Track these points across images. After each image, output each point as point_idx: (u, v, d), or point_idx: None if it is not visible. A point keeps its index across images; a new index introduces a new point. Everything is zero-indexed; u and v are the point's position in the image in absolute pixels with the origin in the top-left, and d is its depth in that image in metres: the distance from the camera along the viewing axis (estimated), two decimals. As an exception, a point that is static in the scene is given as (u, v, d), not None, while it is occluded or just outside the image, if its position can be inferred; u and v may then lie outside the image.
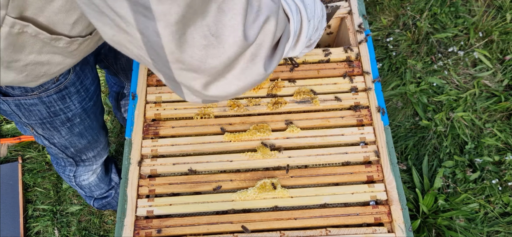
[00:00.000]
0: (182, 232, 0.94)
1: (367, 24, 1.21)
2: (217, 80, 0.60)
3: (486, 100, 2.11)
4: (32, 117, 1.05)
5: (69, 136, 1.20)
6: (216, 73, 0.58)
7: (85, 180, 1.54)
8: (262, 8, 0.60)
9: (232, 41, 0.55)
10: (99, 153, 1.44)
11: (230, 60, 0.57)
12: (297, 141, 1.04)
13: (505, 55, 2.21)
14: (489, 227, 1.80)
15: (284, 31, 0.68)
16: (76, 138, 1.23)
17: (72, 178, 1.51)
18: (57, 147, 1.25)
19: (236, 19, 0.54)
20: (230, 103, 1.08)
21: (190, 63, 0.55)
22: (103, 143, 1.42)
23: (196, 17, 0.51)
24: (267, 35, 0.61)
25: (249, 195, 0.96)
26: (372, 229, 0.94)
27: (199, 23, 0.51)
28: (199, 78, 0.58)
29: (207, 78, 0.59)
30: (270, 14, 0.61)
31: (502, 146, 2.00)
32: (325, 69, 1.14)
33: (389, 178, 0.99)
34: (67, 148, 1.27)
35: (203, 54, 0.54)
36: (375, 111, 1.07)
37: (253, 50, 0.60)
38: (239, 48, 0.57)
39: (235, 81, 0.61)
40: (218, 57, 0.56)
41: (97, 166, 1.52)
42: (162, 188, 0.99)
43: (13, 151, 2.05)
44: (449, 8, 2.33)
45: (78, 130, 1.20)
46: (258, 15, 0.59)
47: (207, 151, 1.04)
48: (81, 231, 1.87)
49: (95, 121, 1.25)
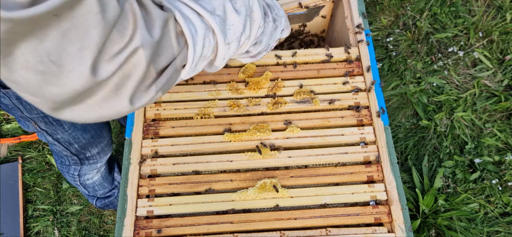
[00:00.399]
0: (182, 232, 0.94)
1: (367, 23, 1.21)
2: (72, 105, 0.55)
3: (486, 100, 2.11)
4: (34, 110, 1.05)
5: (72, 130, 1.19)
6: (63, 101, 0.53)
7: (90, 179, 1.54)
8: (134, 39, 0.54)
9: (77, 74, 0.50)
10: (103, 149, 1.44)
11: (77, 93, 0.52)
12: (297, 141, 1.04)
13: (505, 55, 2.21)
14: (489, 227, 1.80)
15: (174, 59, 0.63)
16: (80, 132, 1.22)
17: (77, 178, 1.50)
18: (61, 143, 1.24)
19: (85, 52, 0.49)
20: (230, 103, 1.08)
21: (26, 86, 0.50)
22: (107, 139, 1.42)
23: (28, 38, 0.45)
24: (135, 67, 0.56)
25: (249, 195, 0.97)
26: (372, 229, 0.94)
27: (33, 46, 0.46)
28: (42, 103, 0.53)
29: (53, 104, 0.54)
30: (141, 46, 0.55)
31: (502, 146, 2.00)
32: (325, 69, 1.14)
33: (389, 178, 0.99)
34: (71, 145, 1.27)
35: (40, 79, 0.49)
36: (375, 112, 1.07)
37: (117, 80, 0.55)
38: (87, 83, 0.51)
39: (96, 108, 0.57)
40: (60, 87, 0.51)
41: (101, 164, 1.52)
42: (162, 188, 0.99)
43: (13, 151, 2.05)
44: (449, 8, 2.33)
45: (80, 124, 1.19)
46: (125, 47, 0.54)
47: (207, 151, 1.04)
48: (81, 231, 1.87)
49: None
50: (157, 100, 1.09)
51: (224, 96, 1.10)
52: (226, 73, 1.13)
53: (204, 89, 1.11)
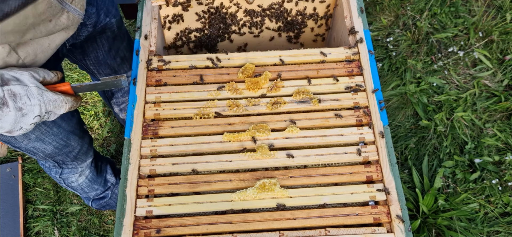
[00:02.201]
0: (181, 232, 0.94)
1: (365, 17, 1.20)
2: None
3: (486, 100, 2.11)
4: None
5: (27, 141, 1.16)
6: None
7: (74, 181, 1.52)
8: None
9: None
10: (77, 157, 1.40)
11: None
12: (297, 141, 1.04)
13: (505, 55, 2.21)
14: (489, 227, 1.80)
15: None
16: (37, 143, 1.19)
17: (61, 180, 1.49)
18: (23, 151, 1.22)
19: None
20: (229, 103, 1.08)
21: None
22: (78, 148, 1.37)
23: None
24: None
25: (248, 195, 0.96)
26: (371, 229, 0.93)
27: None
28: None
29: None
30: None
31: (502, 146, 2.00)
32: (324, 69, 1.14)
33: (388, 178, 0.99)
34: (34, 153, 1.24)
35: None
36: (375, 112, 1.07)
37: None
38: None
39: None
40: None
41: (83, 169, 1.50)
42: (161, 188, 0.99)
43: (13, 151, 2.06)
44: (449, 8, 2.33)
45: (34, 136, 1.16)
46: None
47: (207, 151, 1.04)
48: (81, 231, 1.87)
49: (54, 127, 1.20)
50: (156, 100, 1.09)
51: (223, 96, 1.10)
52: (225, 73, 1.13)
53: (203, 89, 1.11)
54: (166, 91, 1.10)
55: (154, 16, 1.22)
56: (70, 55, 1.36)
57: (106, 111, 2.15)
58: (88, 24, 1.20)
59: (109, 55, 1.39)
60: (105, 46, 1.35)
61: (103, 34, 1.31)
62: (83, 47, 1.32)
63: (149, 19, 1.21)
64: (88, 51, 1.35)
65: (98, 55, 1.38)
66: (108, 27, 1.30)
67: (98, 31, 1.27)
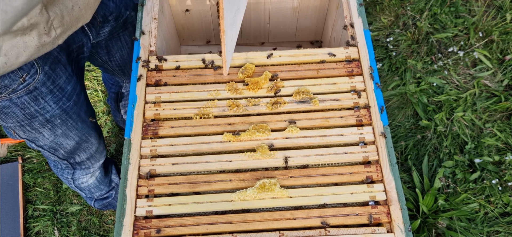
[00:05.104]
0: (181, 232, 0.94)
1: (364, 14, 1.20)
2: None
3: (486, 100, 2.11)
4: (9, 119, 1.04)
5: (53, 137, 1.18)
6: None
7: (84, 182, 1.54)
8: None
9: None
10: (93, 156, 1.42)
11: None
12: (297, 141, 1.04)
13: (505, 55, 2.21)
14: (489, 227, 1.80)
15: None
16: (62, 139, 1.21)
17: (71, 181, 1.50)
18: (45, 149, 1.23)
19: None
20: (229, 103, 1.08)
21: None
22: (96, 145, 1.40)
23: None
24: None
25: (248, 195, 0.96)
26: (371, 229, 0.93)
27: None
28: None
29: None
30: None
31: (502, 146, 2.00)
32: (324, 69, 1.14)
33: (388, 178, 0.99)
34: (56, 150, 1.26)
35: None
36: (375, 111, 1.07)
37: None
38: None
39: None
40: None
41: (95, 169, 1.51)
42: (161, 188, 0.99)
43: (13, 151, 2.06)
44: (449, 8, 2.33)
45: (61, 131, 1.17)
46: None
47: (206, 151, 1.04)
48: (81, 231, 1.87)
49: (79, 122, 1.23)
50: (156, 100, 1.09)
51: (223, 96, 1.10)
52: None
53: (203, 89, 1.11)
54: (166, 91, 1.10)
55: (154, 16, 1.22)
56: (96, 56, 1.37)
57: (106, 111, 2.15)
58: (110, 18, 1.21)
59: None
60: (129, 43, 1.37)
61: (126, 30, 1.32)
62: (108, 46, 1.33)
63: (149, 19, 1.21)
64: (113, 51, 1.36)
65: (123, 54, 1.39)
66: (129, 22, 1.30)
67: (120, 25, 1.28)
